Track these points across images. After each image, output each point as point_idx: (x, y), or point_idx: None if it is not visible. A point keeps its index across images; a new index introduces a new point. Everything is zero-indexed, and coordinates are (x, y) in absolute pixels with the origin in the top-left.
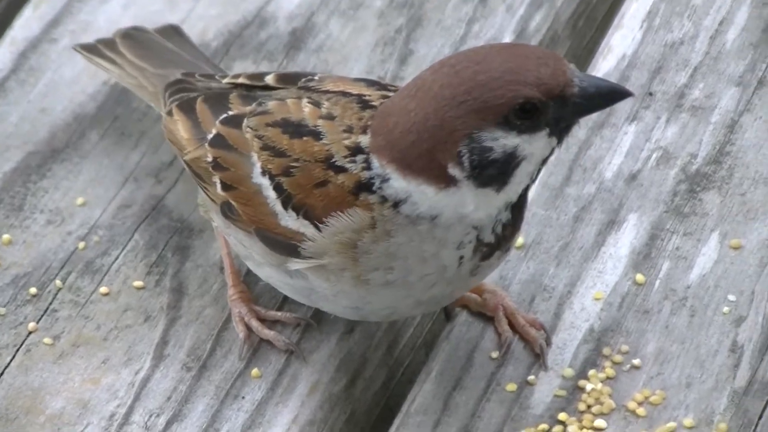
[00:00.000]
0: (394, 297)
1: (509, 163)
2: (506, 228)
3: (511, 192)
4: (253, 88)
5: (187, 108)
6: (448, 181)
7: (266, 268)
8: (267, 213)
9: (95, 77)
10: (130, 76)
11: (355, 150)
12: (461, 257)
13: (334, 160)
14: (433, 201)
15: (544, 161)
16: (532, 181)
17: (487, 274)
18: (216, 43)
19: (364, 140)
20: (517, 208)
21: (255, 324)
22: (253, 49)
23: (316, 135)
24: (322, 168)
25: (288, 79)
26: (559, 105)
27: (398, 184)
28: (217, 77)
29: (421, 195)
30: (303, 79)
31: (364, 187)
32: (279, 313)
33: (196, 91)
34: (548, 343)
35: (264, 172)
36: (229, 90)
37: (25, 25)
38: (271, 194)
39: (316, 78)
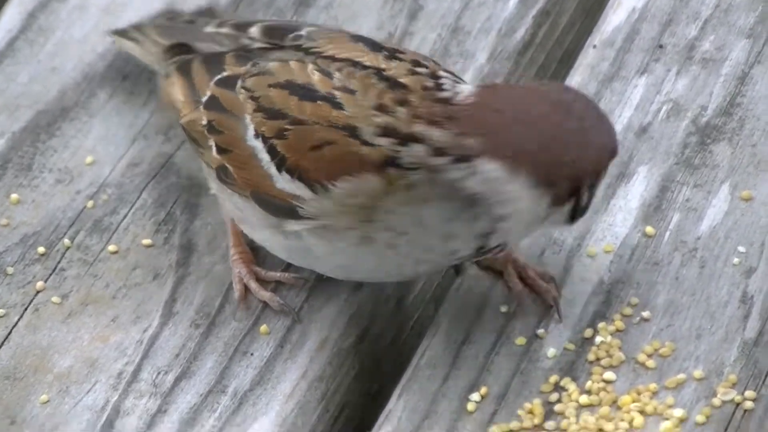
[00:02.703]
0: (390, 260)
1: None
2: None
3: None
4: (249, 50)
5: (185, 70)
6: (556, 203)
7: (263, 231)
8: (262, 175)
9: (104, 36)
10: (150, 53)
11: (391, 132)
12: (480, 247)
13: (360, 133)
14: (513, 202)
15: None
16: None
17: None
18: (225, 1)
19: (423, 130)
20: None
21: (253, 285)
22: (262, 5)
23: (335, 104)
24: (344, 135)
25: (274, 34)
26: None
27: (486, 167)
28: (201, 20)
29: (491, 174)
30: (291, 36)
31: (392, 162)
32: (278, 274)
33: (195, 53)
34: (558, 292)
35: (257, 135)
36: (226, 51)
37: None
38: (264, 157)
39: (303, 34)
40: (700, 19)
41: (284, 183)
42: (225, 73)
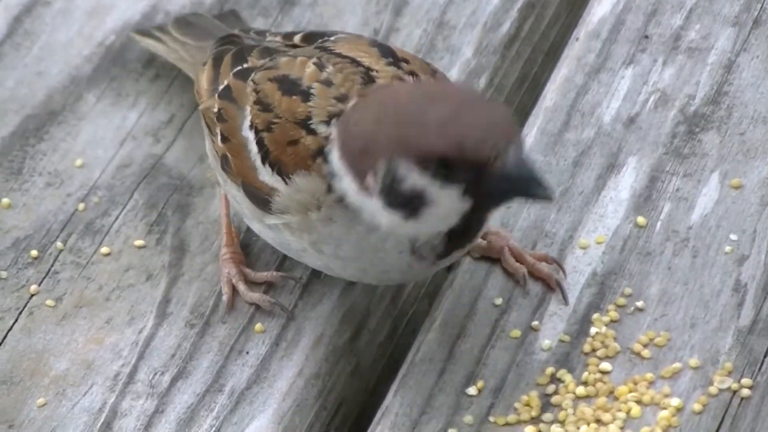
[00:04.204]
0: (350, 269)
1: (416, 200)
2: (451, 243)
3: (424, 226)
4: (282, 46)
5: (218, 61)
6: (366, 188)
7: (254, 223)
8: (250, 167)
9: (90, 39)
10: (172, 51)
11: (336, 115)
12: (405, 262)
13: (310, 122)
14: (354, 198)
15: (469, 214)
16: (464, 225)
17: (454, 259)
18: (210, 0)
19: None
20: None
21: (242, 287)
22: (247, 4)
23: (306, 96)
24: (298, 128)
25: (311, 39)
26: (478, 174)
27: (335, 160)
28: (267, 33)
29: (348, 185)
30: (320, 40)
31: (322, 153)
32: (266, 274)
33: (238, 46)
34: (564, 273)
35: (251, 126)
36: (257, 45)
37: None
38: (253, 148)
39: (332, 39)
40: (684, 9)
41: (266, 176)
42: (245, 65)
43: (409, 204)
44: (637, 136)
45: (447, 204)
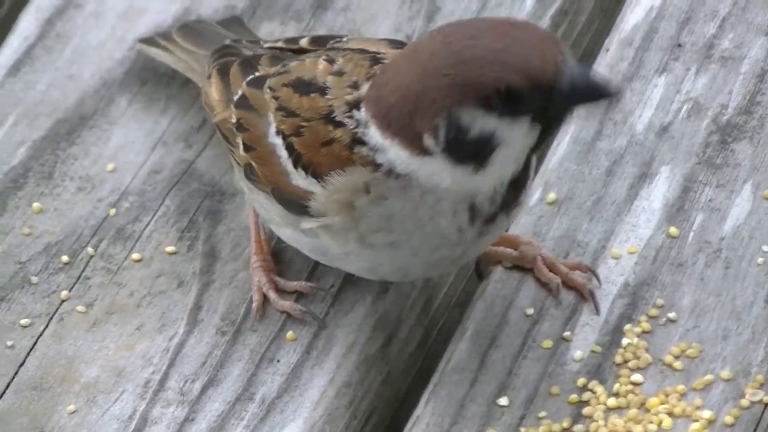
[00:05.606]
0: (401, 258)
1: (486, 145)
2: (506, 197)
3: (493, 174)
4: (288, 51)
5: (224, 71)
6: (422, 150)
7: (285, 229)
8: (280, 173)
9: (122, 42)
10: (181, 60)
11: (354, 104)
12: (459, 225)
13: (334, 115)
14: (406, 165)
15: (533, 149)
16: (524, 165)
17: (496, 234)
18: (242, 5)
19: (363, 91)
20: (517, 181)
21: (273, 295)
22: (280, 9)
23: (323, 91)
24: (324, 123)
25: (320, 42)
26: (546, 94)
27: (376, 138)
28: (261, 42)
29: (396, 156)
30: (332, 41)
31: (358, 141)
32: (295, 283)
33: (239, 56)
34: (599, 281)
35: (278, 132)
36: (264, 53)
37: None
38: (283, 154)
39: (344, 39)
40: (718, 17)
41: (299, 179)
42: (257, 74)
43: (478, 153)
44: (669, 145)
45: (518, 140)
